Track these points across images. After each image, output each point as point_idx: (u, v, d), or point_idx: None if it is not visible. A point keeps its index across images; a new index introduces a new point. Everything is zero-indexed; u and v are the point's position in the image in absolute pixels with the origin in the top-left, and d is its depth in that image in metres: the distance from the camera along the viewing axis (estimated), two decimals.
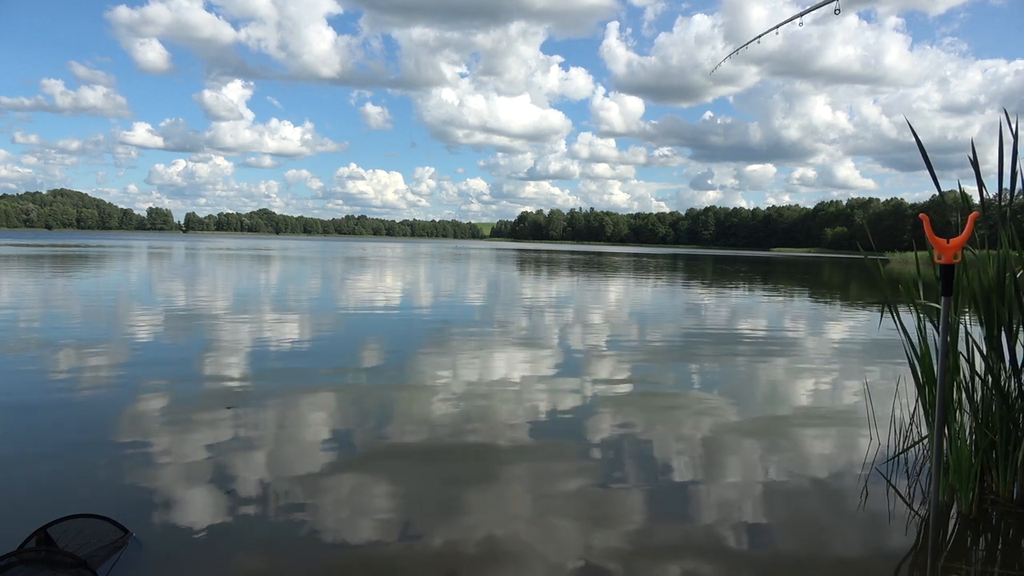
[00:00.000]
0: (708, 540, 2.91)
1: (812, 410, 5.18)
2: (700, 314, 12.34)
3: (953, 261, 2.23)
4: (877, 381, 6.11)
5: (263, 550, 2.73)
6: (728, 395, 5.66)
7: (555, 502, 3.28)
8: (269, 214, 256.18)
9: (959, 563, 2.77)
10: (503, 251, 67.15)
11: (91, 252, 34.27)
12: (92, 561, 2.46)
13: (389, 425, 4.55)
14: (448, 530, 2.93)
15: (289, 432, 4.26)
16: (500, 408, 4.96)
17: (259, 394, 5.19)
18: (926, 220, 2.22)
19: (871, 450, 4.14)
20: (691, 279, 24.17)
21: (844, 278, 28.63)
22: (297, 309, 11.33)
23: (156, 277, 18.87)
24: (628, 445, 4.19)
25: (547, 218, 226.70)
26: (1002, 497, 3.39)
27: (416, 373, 6.21)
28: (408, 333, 8.92)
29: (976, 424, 3.44)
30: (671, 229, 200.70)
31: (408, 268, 27.26)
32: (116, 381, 5.53)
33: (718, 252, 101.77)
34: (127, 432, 4.17)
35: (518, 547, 2.80)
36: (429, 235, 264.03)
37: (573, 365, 6.83)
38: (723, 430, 4.56)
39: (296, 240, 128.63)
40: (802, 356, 7.75)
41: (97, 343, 7.32)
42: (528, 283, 20.18)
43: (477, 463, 3.78)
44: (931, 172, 3.62)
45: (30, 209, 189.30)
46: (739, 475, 3.71)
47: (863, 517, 3.20)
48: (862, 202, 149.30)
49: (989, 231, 3.55)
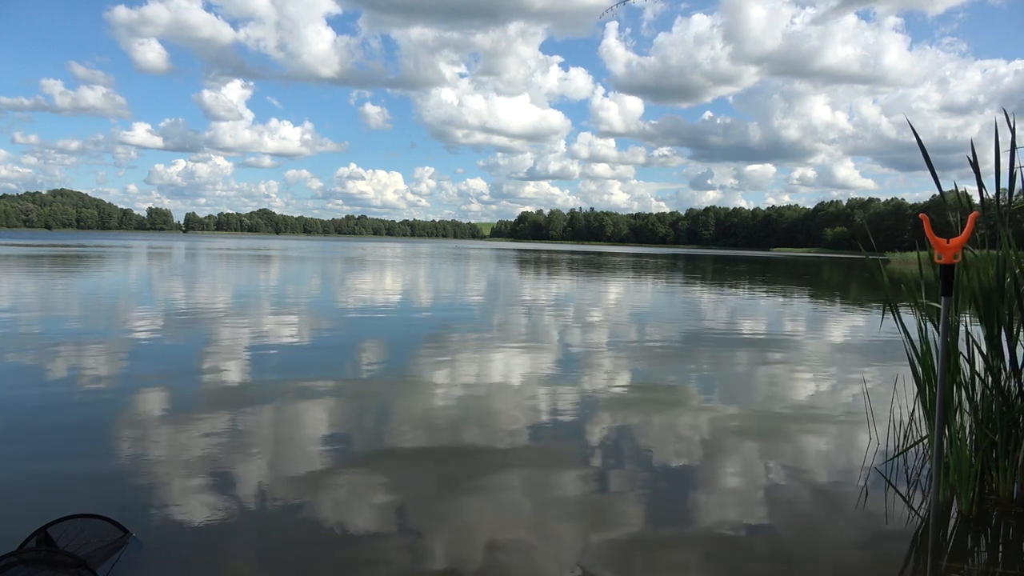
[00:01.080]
0: (708, 540, 2.91)
1: (812, 410, 5.17)
2: (700, 314, 12.34)
3: (953, 261, 2.23)
4: (877, 381, 6.11)
5: (263, 550, 2.73)
6: (728, 395, 5.66)
7: (554, 503, 3.27)
8: (269, 214, 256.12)
9: (959, 563, 2.77)
10: (503, 251, 67.15)
11: (91, 252, 34.27)
12: (92, 561, 2.46)
13: (389, 426, 4.55)
14: (447, 531, 2.93)
15: (289, 433, 4.26)
16: (499, 409, 4.96)
17: (259, 394, 5.19)
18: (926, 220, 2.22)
19: (871, 450, 4.14)
20: (691, 279, 24.17)
21: (844, 278, 28.62)
22: (297, 310, 11.33)
23: (157, 277, 18.87)
24: (628, 445, 4.19)
25: (547, 218, 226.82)
26: (1002, 497, 3.39)
27: (417, 373, 6.21)
28: (409, 334, 8.92)
29: (976, 424, 3.44)
30: (671, 229, 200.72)
31: (409, 269, 27.25)
32: (116, 381, 5.52)
33: (718, 252, 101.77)
34: (127, 432, 4.17)
35: (517, 547, 2.80)
36: (429, 235, 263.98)
37: (572, 366, 6.82)
38: (723, 430, 4.56)
39: (296, 240, 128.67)
40: (802, 356, 7.75)
41: (97, 343, 7.31)
42: (529, 283, 20.18)
43: (477, 464, 3.78)
44: (932, 172, 3.62)
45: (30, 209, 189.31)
46: (739, 475, 3.71)
47: (863, 517, 3.20)
48: (862, 202, 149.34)
49: (989, 231, 3.55)
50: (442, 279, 21.07)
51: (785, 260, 61.35)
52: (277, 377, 5.85)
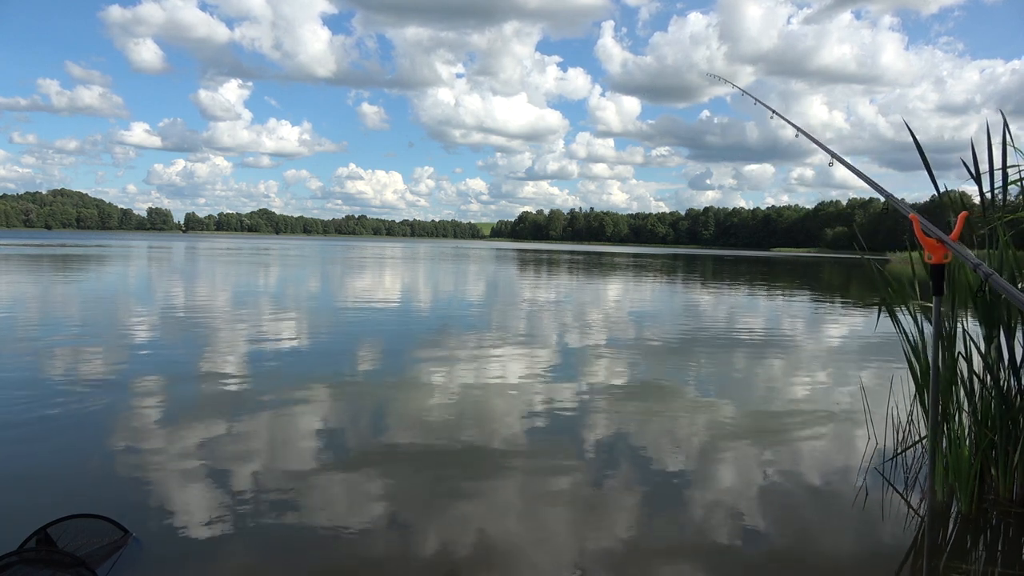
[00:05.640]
0: (706, 540, 2.91)
1: (811, 410, 5.17)
2: (700, 314, 12.34)
3: (943, 261, 2.23)
4: (875, 381, 6.11)
5: (262, 550, 2.73)
6: (726, 395, 5.66)
7: (551, 504, 3.28)
8: (269, 214, 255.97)
9: (959, 562, 2.77)
10: (504, 251, 67.16)
11: (92, 252, 34.27)
12: (92, 561, 2.46)
13: (388, 427, 4.55)
14: (447, 532, 2.93)
15: (289, 433, 4.26)
16: (499, 409, 4.97)
17: (259, 395, 5.20)
18: (915, 220, 2.22)
19: (869, 450, 4.14)
20: (690, 279, 24.17)
21: (844, 278, 28.62)
22: (297, 310, 11.33)
23: (157, 277, 18.87)
24: (627, 446, 4.19)
25: (547, 218, 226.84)
26: (1002, 496, 3.39)
27: (417, 374, 6.22)
28: (409, 334, 8.93)
29: (975, 423, 3.44)
30: (671, 229, 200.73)
31: (409, 269, 27.25)
32: (116, 381, 5.52)
33: (718, 252, 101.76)
34: (127, 432, 4.17)
35: (516, 548, 2.81)
36: (429, 235, 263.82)
37: (572, 366, 6.83)
38: (721, 429, 4.56)
39: (297, 240, 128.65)
40: (801, 356, 7.75)
41: (97, 343, 7.32)
42: (532, 284, 20.18)
43: (476, 464, 3.78)
44: (930, 173, 3.63)
45: (30, 209, 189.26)
46: (737, 475, 3.71)
47: (862, 517, 3.20)
48: (862, 202, 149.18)
49: (988, 231, 3.56)
50: (446, 280, 21.07)
51: (785, 260, 61.34)
52: (277, 378, 5.85)
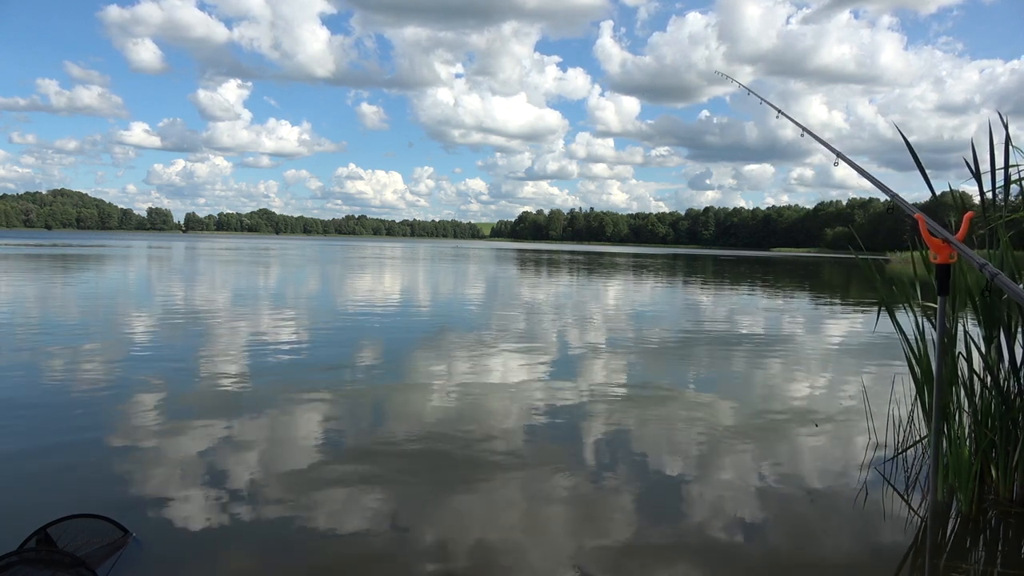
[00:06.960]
0: (706, 540, 2.91)
1: (811, 410, 5.17)
2: (700, 313, 12.34)
3: (949, 261, 2.23)
4: (876, 381, 6.11)
5: (262, 550, 2.73)
6: (726, 394, 5.66)
7: (550, 505, 3.28)
8: (269, 214, 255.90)
9: (959, 562, 2.77)
10: (504, 251, 67.15)
11: (91, 252, 34.26)
12: (92, 561, 2.46)
13: (388, 427, 4.55)
14: (446, 533, 2.93)
15: (289, 433, 4.26)
16: (499, 409, 4.96)
17: (259, 395, 5.20)
18: (921, 220, 2.22)
19: (870, 450, 4.13)
20: (690, 279, 24.17)
21: (844, 278, 28.61)
22: (298, 311, 11.33)
23: (157, 278, 18.87)
24: (626, 446, 4.19)
25: (547, 218, 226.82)
26: (1002, 497, 3.39)
27: (417, 374, 6.22)
28: (409, 334, 8.93)
29: (976, 424, 3.44)
30: (671, 229, 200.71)
31: (412, 270, 27.25)
32: (116, 380, 5.52)
33: (718, 252, 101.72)
34: (127, 432, 4.17)
35: (515, 548, 2.80)
36: (429, 235, 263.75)
37: (572, 366, 6.83)
38: (721, 429, 4.56)
39: (297, 240, 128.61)
40: (801, 356, 7.75)
41: (97, 342, 7.32)
42: (530, 284, 20.18)
43: (476, 464, 3.78)
44: (924, 175, 3.63)
45: (30, 209, 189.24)
46: (737, 475, 3.71)
47: (862, 517, 3.20)
48: (863, 202, 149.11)
49: (989, 231, 3.55)
50: (443, 280, 21.07)
51: (785, 260, 61.33)
52: (277, 378, 5.85)
